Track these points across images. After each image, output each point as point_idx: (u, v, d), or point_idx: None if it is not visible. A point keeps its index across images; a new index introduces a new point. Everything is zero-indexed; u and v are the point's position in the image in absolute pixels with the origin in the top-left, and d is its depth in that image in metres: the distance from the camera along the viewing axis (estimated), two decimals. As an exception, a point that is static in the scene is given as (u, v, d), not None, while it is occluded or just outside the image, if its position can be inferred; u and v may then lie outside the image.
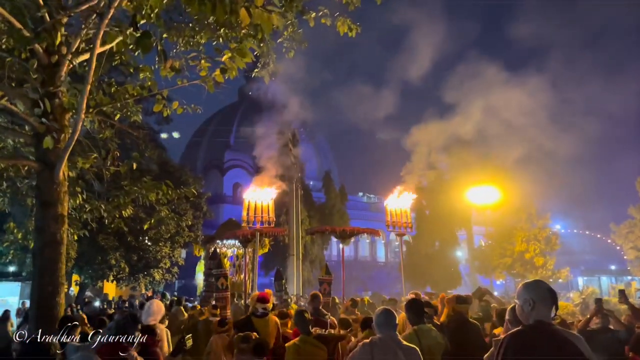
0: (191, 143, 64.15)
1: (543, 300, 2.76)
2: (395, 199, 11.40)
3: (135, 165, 8.05)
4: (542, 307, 2.74)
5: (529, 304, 2.77)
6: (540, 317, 2.72)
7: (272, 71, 8.83)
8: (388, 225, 11.18)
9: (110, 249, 19.21)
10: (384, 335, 3.64)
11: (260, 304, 6.06)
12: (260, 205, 10.73)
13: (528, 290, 2.83)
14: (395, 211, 11.04)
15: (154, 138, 24.40)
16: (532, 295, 2.79)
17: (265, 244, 17.27)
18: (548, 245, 29.44)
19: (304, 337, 4.96)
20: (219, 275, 9.98)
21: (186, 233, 21.50)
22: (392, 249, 59.30)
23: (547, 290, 2.81)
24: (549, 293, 2.79)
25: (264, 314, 6.00)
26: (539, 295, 2.78)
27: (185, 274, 30.50)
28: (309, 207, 28.74)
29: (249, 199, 10.82)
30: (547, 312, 2.74)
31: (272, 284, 41.45)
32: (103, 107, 6.22)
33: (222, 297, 9.69)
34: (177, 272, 23.13)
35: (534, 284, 2.91)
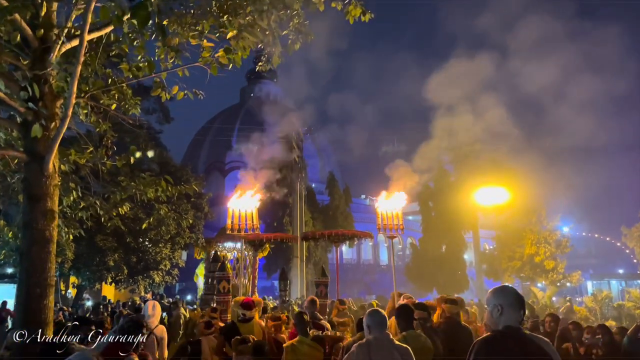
0: (192, 144, 63.86)
1: (511, 306, 2.80)
2: (385, 200, 11.03)
3: (132, 159, 7.54)
4: (511, 312, 2.78)
5: (498, 310, 2.81)
6: (509, 322, 2.76)
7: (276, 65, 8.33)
8: (379, 228, 10.90)
9: (109, 250, 18.70)
10: (378, 335, 3.64)
11: (240, 310, 6.12)
12: (244, 214, 10.39)
13: (496, 296, 2.88)
14: (386, 213, 10.72)
15: (154, 137, 23.98)
16: (500, 300, 2.84)
17: (265, 247, 17.04)
18: (558, 248, 28.85)
19: (301, 338, 5.06)
20: (221, 279, 9.97)
21: (187, 234, 20.97)
22: (396, 252, 58.84)
23: (514, 295, 2.86)
24: (516, 298, 2.84)
25: (246, 320, 6.04)
26: (507, 300, 2.82)
27: (186, 277, 30.02)
28: (312, 208, 28.24)
29: (232, 207, 10.53)
30: (516, 317, 2.78)
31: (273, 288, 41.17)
32: (96, 90, 5.71)
33: (223, 301, 9.60)
34: (177, 275, 22.61)
35: (502, 289, 2.96)
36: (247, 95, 73.72)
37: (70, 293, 24.17)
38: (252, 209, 10.78)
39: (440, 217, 30.80)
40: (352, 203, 32.07)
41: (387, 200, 11.06)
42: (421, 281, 30.33)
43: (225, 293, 9.78)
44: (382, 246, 55.18)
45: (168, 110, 25.02)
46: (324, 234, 15.95)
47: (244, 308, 6.13)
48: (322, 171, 54.91)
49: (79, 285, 21.44)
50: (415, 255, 32.04)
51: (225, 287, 9.90)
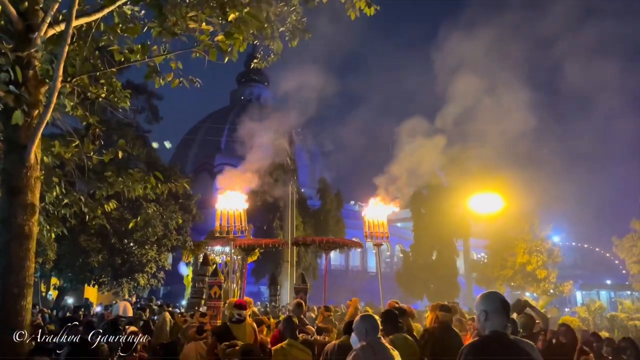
0: (181, 145, 63.22)
1: (496, 311, 2.86)
2: (373, 209, 11.30)
3: (120, 154, 7.13)
4: (496, 317, 2.85)
5: (483, 315, 2.89)
6: (495, 327, 2.83)
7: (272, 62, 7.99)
8: (366, 236, 11.15)
9: (93, 250, 18.14)
10: (375, 338, 3.67)
11: (236, 310, 6.09)
12: (232, 214, 10.32)
13: (482, 302, 2.95)
14: (373, 222, 10.99)
15: (143, 136, 23.50)
16: (485, 306, 2.91)
17: (255, 252, 16.80)
18: (550, 257, 28.76)
19: (291, 342, 5.07)
20: (212, 284, 9.81)
21: (174, 236, 20.47)
22: (384, 259, 58.60)
23: (500, 301, 2.91)
24: (501, 304, 2.90)
25: (240, 320, 6.01)
26: (492, 306, 2.89)
27: (171, 280, 29.44)
28: (303, 213, 27.88)
29: (220, 208, 10.44)
30: (501, 323, 2.84)
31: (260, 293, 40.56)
32: (84, 74, 5.32)
33: (214, 306, 9.49)
34: (163, 278, 22.06)
35: (488, 295, 3.03)
36: (237, 98, 73.34)
37: (51, 295, 23.49)
38: (241, 210, 10.59)
39: (432, 224, 30.58)
40: (343, 208, 31.73)
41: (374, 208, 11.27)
42: (412, 288, 30.04)
43: (217, 298, 9.66)
44: (370, 253, 54.87)
45: (157, 109, 24.59)
46: (314, 240, 15.73)
47: (239, 308, 6.09)
48: (312, 176, 54.60)
49: (60, 286, 20.81)
50: (407, 262, 31.73)
51: (216, 292, 9.78)
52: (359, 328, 3.74)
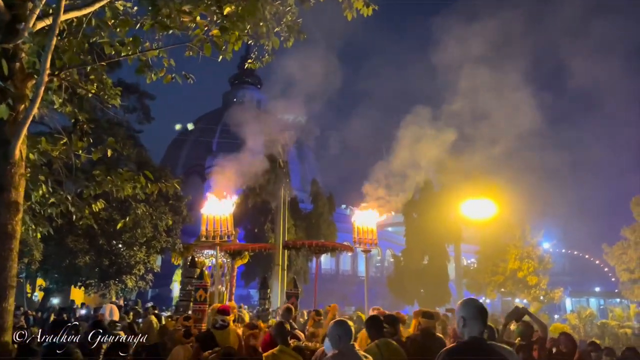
0: (172, 147, 62.79)
1: (473, 318, 2.94)
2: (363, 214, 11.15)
3: (110, 152, 6.92)
4: (473, 324, 2.93)
5: (462, 322, 2.97)
6: (473, 333, 2.91)
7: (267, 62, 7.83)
8: (355, 241, 11.03)
9: (80, 251, 17.80)
10: (348, 345, 3.66)
11: (219, 316, 6.11)
12: (219, 219, 10.15)
13: (460, 309, 3.03)
14: (362, 227, 10.81)
15: (133, 136, 23.20)
16: (463, 313, 2.98)
17: (245, 255, 16.60)
18: (541, 264, 28.79)
19: (282, 348, 5.04)
20: (198, 287, 9.61)
21: (163, 238, 20.16)
22: (374, 264, 58.41)
23: (477, 308, 3.00)
24: (478, 311, 2.98)
25: (224, 326, 6.03)
26: (469, 313, 2.97)
27: (160, 283, 29.10)
28: (295, 216, 27.65)
29: (207, 212, 10.25)
30: (479, 329, 2.92)
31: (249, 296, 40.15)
32: (73, 68, 5.12)
33: (199, 310, 9.26)
34: (151, 280, 21.73)
35: (466, 302, 3.10)
36: (229, 100, 73.00)
37: (36, 296, 23.07)
38: (227, 214, 10.47)
39: (423, 228, 30.46)
40: (335, 211, 31.52)
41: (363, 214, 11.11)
42: (403, 293, 29.87)
43: (202, 302, 9.40)
44: (360, 257, 54.69)
45: (149, 109, 24.25)
46: (304, 243, 15.55)
47: (222, 314, 6.10)
48: (303, 180, 54.43)
49: (46, 288, 20.43)
50: (398, 267, 31.56)
51: (202, 295, 9.53)
52: (332, 334, 3.75)
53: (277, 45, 6.13)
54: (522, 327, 5.75)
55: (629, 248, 29.80)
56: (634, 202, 29.39)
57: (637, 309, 24.43)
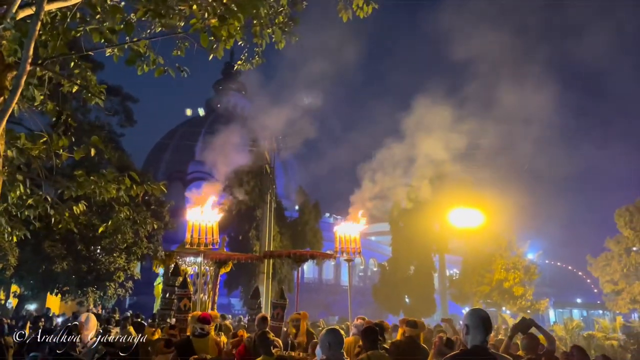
0: (153, 152, 61.94)
1: (476, 327, 3.07)
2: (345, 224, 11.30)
3: (93, 151, 6.55)
4: (476, 333, 3.06)
5: (465, 329, 3.12)
6: (475, 342, 3.04)
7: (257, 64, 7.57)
8: (336, 251, 11.11)
9: (57, 257, 17.15)
10: (337, 354, 3.74)
11: (199, 324, 6.14)
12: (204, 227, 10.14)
13: (465, 317, 3.19)
14: (345, 237, 10.91)
15: (115, 140, 22.63)
16: (467, 321, 3.14)
17: (228, 263, 16.34)
18: (527, 274, 28.84)
19: (265, 358, 5.08)
20: (182, 296, 9.61)
21: (144, 244, 19.58)
22: (357, 273, 58.12)
23: (480, 317, 3.10)
24: (481, 320, 3.09)
25: (203, 334, 6.07)
26: (473, 322, 3.09)
27: (139, 291, 28.38)
28: (281, 223, 27.25)
29: (192, 220, 10.23)
30: (481, 338, 3.04)
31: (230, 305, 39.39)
32: (58, 57, 4.78)
33: (183, 319, 9.12)
34: (131, 287, 21.10)
35: (470, 312, 3.24)
36: (213, 106, 72.38)
37: (10, 303, 22.24)
38: (213, 223, 10.41)
39: (410, 238, 30.30)
40: (321, 219, 31.20)
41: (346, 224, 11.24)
42: (388, 303, 29.61)
43: (186, 311, 9.37)
44: (344, 266, 54.41)
45: (131, 111, 23.70)
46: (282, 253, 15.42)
47: (202, 322, 6.14)
48: (287, 188, 54.05)
49: (20, 294, 19.69)
50: (384, 276, 31.31)
51: (186, 304, 9.57)
52: (322, 342, 3.84)
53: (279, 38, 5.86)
54: (527, 340, 5.56)
55: (613, 259, 30.08)
56: (617, 214, 29.68)
57: (623, 321, 24.58)
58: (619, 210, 29.87)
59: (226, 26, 4.51)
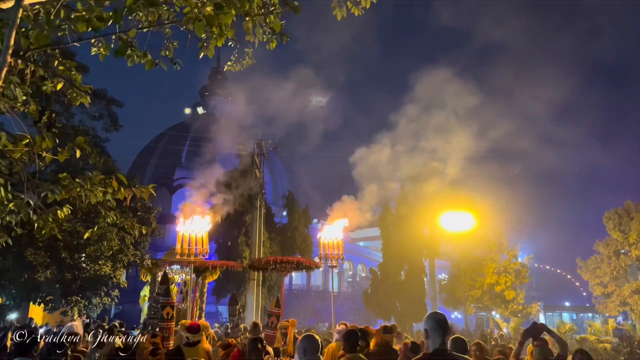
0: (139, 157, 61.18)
1: (434, 330, 3.17)
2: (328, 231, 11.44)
3: (78, 152, 6.23)
4: (434, 336, 3.16)
5: (425, 334, 3.23)
6: (436, 345, 3.14)
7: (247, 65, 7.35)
8: (320, 257, 11.32)
9: (40, 265, 16.61)
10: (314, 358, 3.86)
11: (186, 333, 6.30)
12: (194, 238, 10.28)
13: (424, 322, 3.28)
14: (328, 243, 11.11)
15: (100, 145, 22.14)
16: (426, 325, 3.23)
17: (215, 271, 16.15)
18: (518, 278, 28.78)
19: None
20: (165, 305, 9.49)
21: (131, 251, 19.10)
22: (346, 279, 57.86)
23: (438, 321, 3.20)
24: (439, 324, 3.19)
25: (194, 343, 6.23)
26: (431, 326, 3.20)
27: (124, 299, 27.79)
28: (270, 229, 26.85)
29: (182, 231, 10.35)
30: (440, 340, 3.14)
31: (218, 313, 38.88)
32: (41, 47, 4.49)
33: (166, 327, 9.14)
34: (117, 296, 20.55)
35: (429, 315, 3.34)
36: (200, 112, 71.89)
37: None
38: (202, 234, 10.51)
39: (401, 242, 30.06)
40: (311, 224, 30.85)
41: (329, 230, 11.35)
42: (379, 308, 29.34)
43: (169, 319, 9.24)
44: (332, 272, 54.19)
45: (116, 116, 23.19)
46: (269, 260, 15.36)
47: (189, 332, 6.31)
48: (275, 193, 53.72)
49: (1, 304, 19.06)
50: (374, 281, 31.05)
51: (169, 312, 9.39)
52: (298, 347, 3.97)
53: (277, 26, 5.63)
54: (540, 349, 5.38)
55: (603, 262, 30.20)
56: (606, 217, 29.81)
57: (615, 324, 24.60)
58: (608, 213, 29.97)
59: (221, 16, 4.27)
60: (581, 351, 5.55)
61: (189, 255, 10.24)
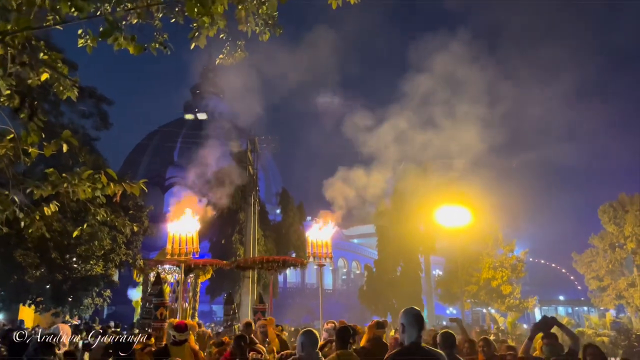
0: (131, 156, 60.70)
1: (410, 325, 3.29)
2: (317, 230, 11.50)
3: (65, 146, 5.96)
4: (410, 330, 3.28)
5: (401, 328, 3.33)
6: (412, 339, 3.27)
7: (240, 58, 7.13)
8: (309, 256, 11.38)
9: (29, 266, 16.26)
10: (308, 353, 3.96)
11: (173, 332, 6.25)
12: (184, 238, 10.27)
13: (401, 316, 3.38)
14: (316, 242, 11.16)
15: (89, 143, 21.75)
16: (403, 320, 3.34)
17: (208, 270, 15.98)
18: (514, 272, 28.71)
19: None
20: (158, 305, 9.59)
21: (123, 250, 18.77)
22: (340, 276, 57.76)
23: (414, 316, 3.32)
24: (415, 318, 3.31)
25: (180, 342, 6.19)
26: (407, 320, 3.31)
27: (116, 300, 27.46)
28: (264, 226, 26.60)
29: (172, 231, 10.32)
30: (416, 334, 3.26)
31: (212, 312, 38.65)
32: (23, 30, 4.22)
33: (160, 328, 9.25)
34: (109, 296, 20.22)
35: (405, 310, 3.44)
36: (191, 110, 71.53)
37: (-21, 316, 21.16)
38: (193, 233, 10.47)
39: (396, 238, 29.91)
40: (305, 221, 30.64)
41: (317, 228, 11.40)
42: (375, 305, 29.19)
43: (162, 320, 9.37)
44: (326, 270, 54.12)
45: (106, 114, 22.80)
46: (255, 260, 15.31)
47: (175, 330, 6.24)
48: (268, 192, 53.47)
49: (-10, 306, 18.73)
50: (370, 278, 30.89)
51: (162, 313, 9.51)
52: (298, 341, 4.07)
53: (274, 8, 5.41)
54: (550, 346, 5.20)
55: (598, 256, 30.17)
56: (601, 210, 29.75)
57: (612, 317, 24.58)
58: (603, 207, 29.85)
59: None
60: (592, 346, 5.33)
61: (179, 255, 10.18)
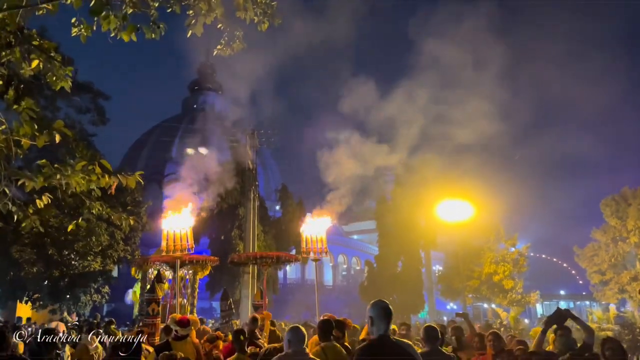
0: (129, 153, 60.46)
1: (378, 317, 3.36)
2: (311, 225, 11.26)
3: (58, 137, 5.75)
4: (379, 322, 3.36)
5: (370, 321, 3.40)
6: (380, 331, 3.34)
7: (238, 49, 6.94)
8: (303, 252, 11.25)
9: (26, 262, 16.07)
10: (295, 349, 3.98)
11: (175, 327, 6.30)
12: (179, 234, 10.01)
13: (369, 309, 3.45)
14: (311, 237, 10.95)
15: (86, 139, 21.56)
16: (371, 313, 3.40)
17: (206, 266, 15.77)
18: (516, 267, 28.51)
19: (238, 356, 5.26)
20: (150, 301, 9.68)
21: (121, 246, 18.59)
22: (340, 272, 57.69)
23: (382, 308, 3.41)
24: (383, 311, 3.40)
25: (182, 337, 6.25)
26: (376, 313, 3.38)
27: (116, 296, 27.31)
28: (264, 222, 26.42)
29: (167, 228, 10.10)
30: (385, 327, 3.35)
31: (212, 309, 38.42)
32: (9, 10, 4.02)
33: (151, 324, 9.35)
34: (107, 293, 20.04)
35: (374, 303, 3.50)
36: (189, 107, 71.39)
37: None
38: (187, 229, 10.19)
39: (397, 233, 29.69)
40: (305, 216, 30.34)
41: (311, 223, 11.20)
42: (376, 300, 29.02)
43: (154, 315, 9.47)
44: (327, 266, 54.03)
45: (103, 110, 22.59)
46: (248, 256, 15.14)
47: (178, 325, 6.28)
48: (267, 188, 53.29)
49: (-14, 304, 18.54)
50: (371, 274, 30.74)
51: (154, 309, 9.61)
52: (285, 338, 4.12)
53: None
54: (564, 339, 5.01)
55: (600, 250, 29.87)
56: (603, 204, 29.45)
57: (616, 311, 24.40)
58: (605, 200, 29.52)
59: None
60: (611, 340, 5.09)
61: (174, 251, 9.94)
